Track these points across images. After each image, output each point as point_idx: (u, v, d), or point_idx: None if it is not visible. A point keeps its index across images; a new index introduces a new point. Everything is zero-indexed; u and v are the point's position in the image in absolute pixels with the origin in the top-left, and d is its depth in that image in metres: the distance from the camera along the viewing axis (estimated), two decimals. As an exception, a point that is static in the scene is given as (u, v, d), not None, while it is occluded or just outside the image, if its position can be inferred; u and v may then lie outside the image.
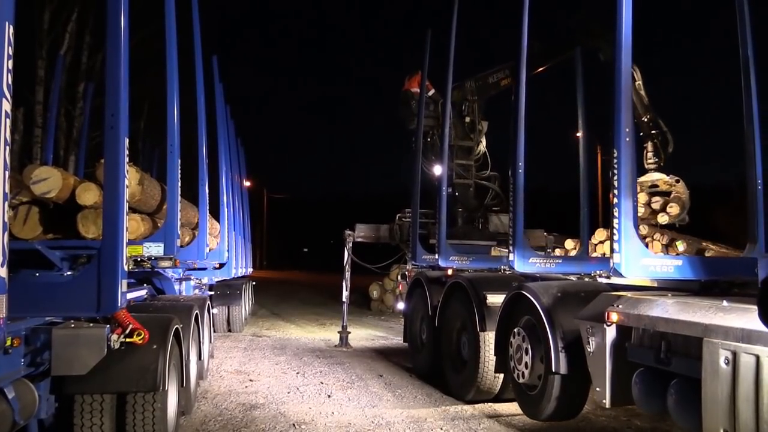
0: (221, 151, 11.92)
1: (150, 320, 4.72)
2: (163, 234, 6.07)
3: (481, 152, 12.03)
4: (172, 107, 6.61)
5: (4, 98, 1.99)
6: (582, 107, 9.62)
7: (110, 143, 3.77)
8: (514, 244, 7.17)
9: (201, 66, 8.54)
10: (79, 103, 17.29)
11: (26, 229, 5.04)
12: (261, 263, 50.22)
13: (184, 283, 8.68)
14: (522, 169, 7.33)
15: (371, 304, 20.84)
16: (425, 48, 11.18)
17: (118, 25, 3.83)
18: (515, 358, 6.39)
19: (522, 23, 7.46)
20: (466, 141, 11.82)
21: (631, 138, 5.28)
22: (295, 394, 7.86)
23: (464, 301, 7.71)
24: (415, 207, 10.68)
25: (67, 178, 5.28)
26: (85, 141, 13.97)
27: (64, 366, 4.09)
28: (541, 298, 5.98)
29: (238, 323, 14.31)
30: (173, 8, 6.57)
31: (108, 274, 3.62)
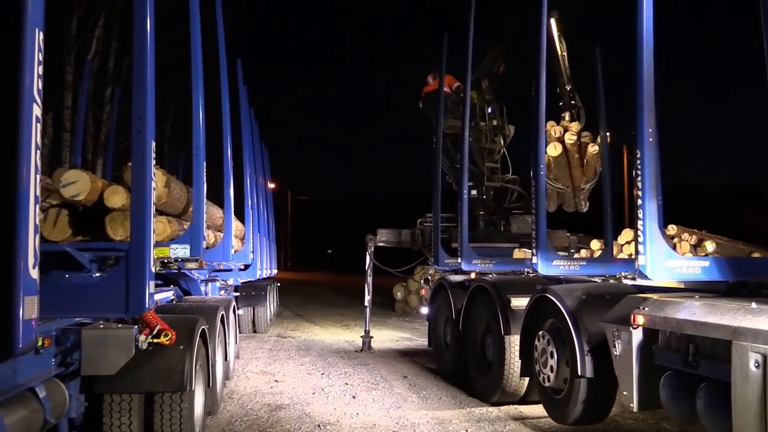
0: (246, 153, 12.02)
1: (177, 321, 4.78)
2: (189, 236, 6.14)
3: (501, 154, 12.00)
4: (198, 110, 6.68)
5: (35, 103, 2.03)
6: (603, 106, 9.52)
7: (137, 146, 3.82)
8: (537, 246, 7.12)
9: (225, 69, 8.63)
10: (107, 107, 17.57)
11: (56, 232, 5.13)
12: (285, 264, 50.49)
13: (210, 285, 8.76)
14: (543, 170, 7.28)
15: (395, 306, 20.83)
16: (442, 50, 11.18)
17: (144, 30, 3.88)
18: (540, 362, 6.35)
19: (540, 23, 7.40)
20: (491, 144, 11.80)
21: (654, 138, 5.21)
22: (320, 395, 7.89)
23: (488, 304, 7.67)
24: (437, 211, 10.65)
25: (96, 181, 5.37)
26: (113, 144, 14.18)
27: (94, 366, 4.17)
28: (566, 301, 5.93)
29: (263, 324, 14.41)
30: (198, 13, 6.65)
31: (136, 275, 3.67)
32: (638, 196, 5.16)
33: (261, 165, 16.45)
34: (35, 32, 2.01)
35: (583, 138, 9.66)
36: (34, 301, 2.05)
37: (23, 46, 1.97)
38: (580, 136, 9.60)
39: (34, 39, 2.00)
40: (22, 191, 1.97)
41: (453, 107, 11.57)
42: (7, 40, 1.96)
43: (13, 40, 1.96)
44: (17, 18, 1.97)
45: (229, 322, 7.69)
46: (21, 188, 1.97)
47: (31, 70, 2.00)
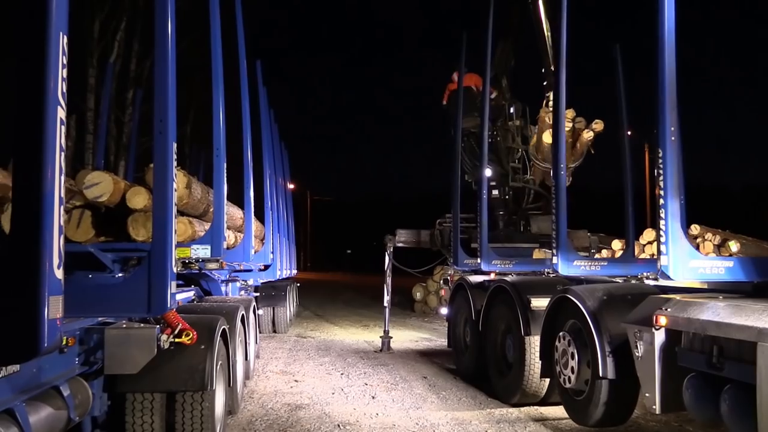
0: (265, 154, 12.08)
1: (198, 321, 4.82)
2: (210, 236, 6.18)
3: (521, 154, 11.95)
4: (218, 112, 6.73)
5: (59, 106, 2.06)
6: (624, 104, 9.44)
7: (159, 148, 3.86)
8: (557, 246, 7.07)
9: (245, 71, 8.68)
10: (129, 109, 17.78)
11: (80, 232, 5.19)
12: (305, 265, 50.70)
13: (230, 285, 8.82)
14: (564, 170, 7.23)
15: (414, 306, 20.81)
16: (461, 50, 11.15)
17: (165, 33, 3.92)
18: (561, 363, 6.30)
19: (561, 23, 7.35)
20: (513, 143, 11.78)
21: (677, 137, 5.15)
22: (340, 395, 7.91)
23: (508, 304, 7.63)
24: (456, 211, 10.63)
25: (118, 182, 5.43)
26: (135, 146, 14.35)
27: (117, 365, 4.22)
28: (587, 302, 5.88)
29: (282, 324, 14.47)
30: (218, 15, 6.70)
31: (158, 275, 3.71)
32: (660, 196, 5.10)
33: (281, 166, 16.54)
34: (60, 36, 2.04)
35: (577, 124, 9.84)
36: (59, 300, 2.08)
37: (48, 50, 2.00)
38: (574, 122, 9.75)
39: (58, 43, 2.04)
40: (47, 193, 2.00)
41: (479, 106, 11.55)
42: (32, 44, 2.00)
43: (38, 44, 2.00)
44: (42, 22, 2.00)
45: (250, 322, 7.74)
46: (46, 190, 2.00)
47: (55, 74, 2.03)
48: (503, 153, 11.73)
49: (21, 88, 2.02)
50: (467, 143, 11.98)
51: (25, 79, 2.01)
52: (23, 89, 2.01)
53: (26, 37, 2.01)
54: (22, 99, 2.02)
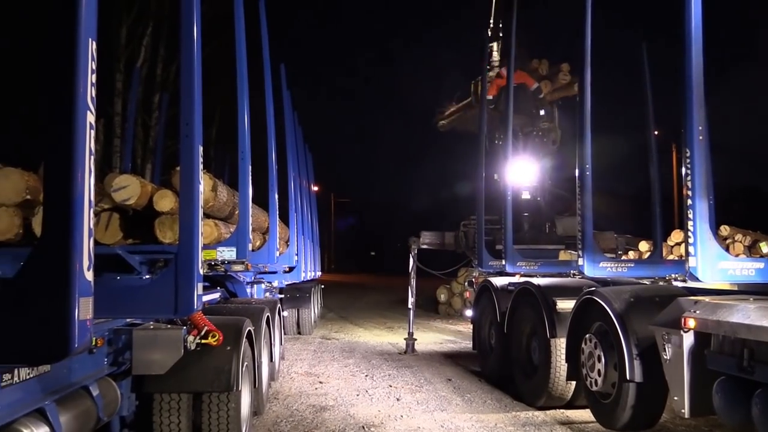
0: (290, 156, 12.16)
1: (224, 322, 4.87)
2: (236, 238, 6.23)
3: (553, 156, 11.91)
4: (243, 115, 6.79)
5: (88, 110, 2.10)
6: (650, 104, 9.33)
7: (185, 151, 3.90)
8: (583, 247, 7.01)
9: (269, 75, 8.74)
10: (155, 113, 18.00)
11: (108, 235, 5.27)
12: (329, 267, 50.82)
13: (256, 287, 8.89)
14: (589, 171, 7.16)
15: (439, 308, 20.75)
16: (484, 50, 11.12)
17: (191, 37, 3.97)
18: (587, 366, 6.24)
19: (585, 20, 7.28)
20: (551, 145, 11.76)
21: (704, 136, 5.08)
22: (364, 396, 7.92)
23: (533, 306, 7.58)
24: (480, 213, 10.59)
25: (145, 185, 5.50)
26: (161, 149, 14.52)
27: (144, 365, 4.27)
28: (613, 304, 5.81)
29: (307, 326, 14.54)
30: (242, 20, 6.75)
31: (185, 277, 3.74)
32: (688, 196, 5.03)
33: (305, 168, 16.62)
34: (89, 42, 2.08)
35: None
36: (89, 302, 2.11)
37: (77, 56, 2.04)
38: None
39: (87, 49, 2.07)
40: (78, 196, 2.04)
41: (524, 104, 11.51)
42: (63, 51, 2.04)
43: (68, 50, 2.03)
44: (72, 29, 2.04)
45: (275, 323, 7.79)
46: (76, 193, 2.03)
47: (84, 79, 2.06)
48: (540, 154, 11.70)
49: (51, 93, 2.06)
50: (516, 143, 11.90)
51: (55, 84, 2.05)
52: (54, 95, 2.05)
53: (56, 43, 2.05)
54: (52, 104, 2.06)
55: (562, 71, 12.53)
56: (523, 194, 11.62)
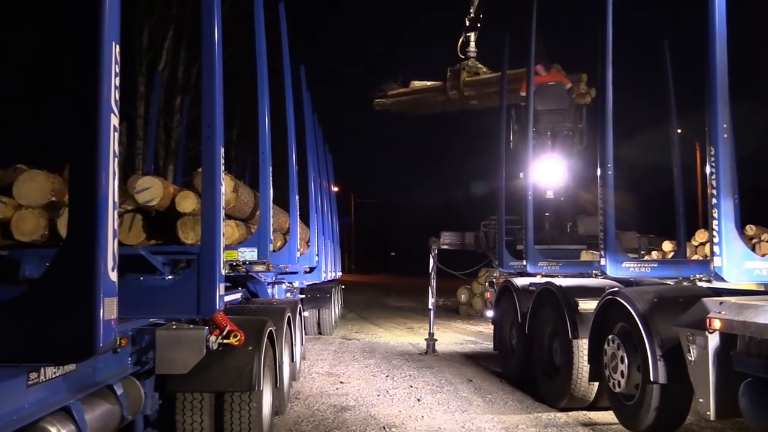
0: (310, 157, 12.20)
1: (245, 322, 4.90)
2: (257, 239, 6.27)
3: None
4: (264, 117, 6.83)
5: (112, 113, 2.13)
6: (672, 101, 9.22)
7: (207, 153, 3.94)
8: (605, 247, 6.94)
9: (289, 76, 8.79)
10: (177, 115, 18.17)
11: (131, 236, 5.32)
12: (349, 267, 50.94)
13: (277, 287, 8.93)
14: (611, 170, 7.10)
15: (459, 308, 20.70)
16: (504, 52, 11.05)
17: (212, 40, 4.00)
18: (610, 367, 6.18)
19: (606, 18, 7.21)
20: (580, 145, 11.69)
21: (729, 134, 5.00)
22: (385, 397, 7.92)
23: (555, 307, 7.52)
24: (501, 213, 10.53)
25: (168, 187, 5.55)
26: (183, 151, 14.66)
27: (167, 365, 4.32)
28: (637, 304, 5.75)
29: (328, 326, 14.58)
30: (262, 22, 6.80)
31: (207, 277, 3.77)
32: (713, 195, 4.97)
33: (325, 169, 16.66)
34: (112, 46, 2.11)
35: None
36: (113, 302, 2.14)
37: (101, 60, 2.07)
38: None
39: (111, 52, 2.10)
40: (102, 198, 2.07)
41: (561, 103, 11.44)
42: (87, 55, 2.07)
43: (92, 53, 2.06)
44: (95, 33, 2.07)
45: (296, 323, 7.82)
46: (101, 195, 2.06)
47: (108, 82, 2.09)
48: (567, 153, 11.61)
49: (76, 96, 2.09)
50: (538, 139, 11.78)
51: (80, 88, 2.08)
52: (78, 98, 2.08)
53: (81, 47, 2.08)
54: (77, 107, 2.09)
55: (582, 81, 12.45)
56: (547, 194, 11.53)
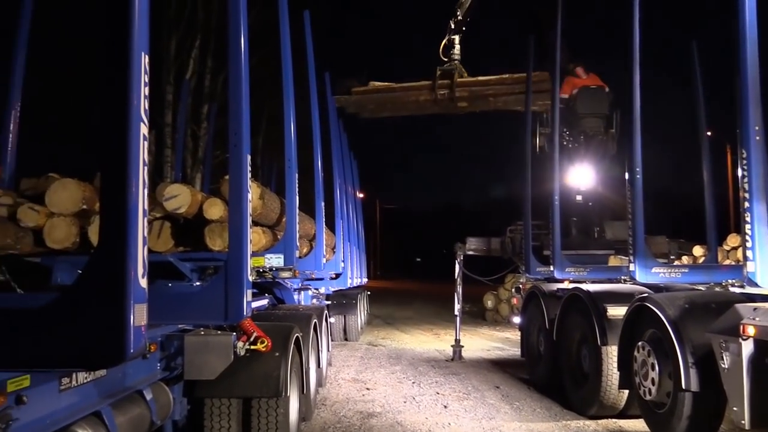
0: (335, 164, 12.25)
1: (272, 329, 4.92)
2: (283, 246, 6.29)
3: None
4: (289, 124, 6.87)
5: (142, 122, 2.16)
6: (702, 103, 9.08)
7: (234, 161, 3.97)
8: (634, 252, 6.85)
9: (314, 83, 8.83)
10: (204, 123, 18.40)
11: (160, 243, 5.38)
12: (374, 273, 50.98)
13: (303, 293, 8.95)
14: (640, 174, 7.00)
15: (486, 314, 20.58)
16: (529, 53, 10.98)
17: (238, 50, 4.04)
18: (640, 374, 6.08)
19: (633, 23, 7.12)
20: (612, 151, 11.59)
21: (761, 136, 4.90)
22: (411, 403, 7.89)
23: (583, 313, 7.43)
24: (527, 218, 10.45)
25: (195, 194, 5.60)
26: (210, 159, 14.82)
27: (195, 371, 4.36)
28: (667, 310, 5.65)
29: (354, 332, 14.60)
30: (287, 30, 6.84)
31: (234, 284, 3.80)
32: (745, 199, 4.87)
33: (350, 175, 16.71)
34: (141, 56, 2.14)
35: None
36: (143, 308, 2.17)
37: (131, 70, 2.10)
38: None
39: (140, 63, 2.13)
40: (132, 206, 2.10)
41: (601, 107, 11.35)
42: (117, 65, 2.10)
43: (122, 64, 2.10)
44: (125, 44, 2.10)
45: (322, 329, 7.84)
46: (131, 203, 2.09)
47: (138, 92, 2.13)
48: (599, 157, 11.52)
49: (107, 106, 2.12)
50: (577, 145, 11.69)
51: (110, 97, 2.11)
52: (109, 108, 2.12)
53: (111, 58, 2.11)
54: (107, 117, 2.12)
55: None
56: (577, 198, 11.44)
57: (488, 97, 12.87)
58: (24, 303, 2.66)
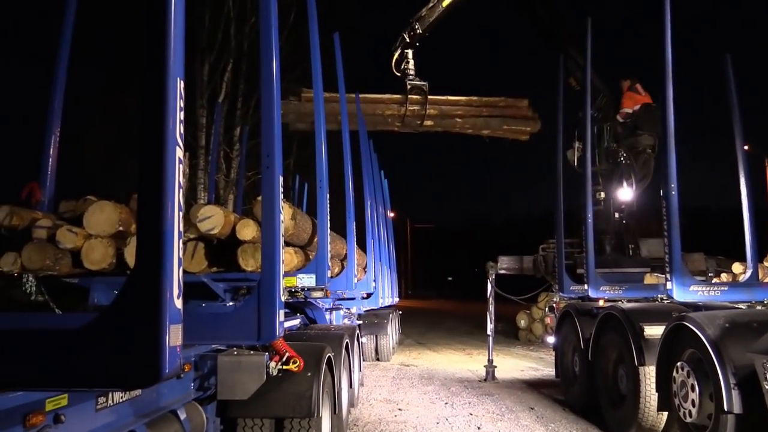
0: (366, 184, 12.28)
1: (304, 348, 4.93)
2: (315, 266, 6.31)
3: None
4: (320, 144, 6.93)
5: (177, 146, 2.20)
6: (738, 116, 8.90)
7: (266, 182, 4.01)
8: (671, 270, 6.71)
9: (344, 104, 8.91)
10: (236, 145, 18.67)
11: (194, 264, 5.45)
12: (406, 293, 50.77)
13: (334, 313, 8.96)
14: (675, 189, 6.88)
15: (519, 334, 20.32)
16: (559, 70, 10.92)
17: (270, 73, 4.10)
18: (680, 395, 5.92)
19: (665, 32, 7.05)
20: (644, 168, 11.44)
21: None
22: (444, 425, 7.80)
23: (619, 332, 7.29)
24: (560, 236, 10.33)
25: (228, 215, 5.67)
26: (242, 180, 15.01)
27: (228, 390, 4.38)
28: (707, 330, 5.51)
29: (385, 352, 14.52)
30: (318, 53, 6.92)
31: (267, 304, 3.82)
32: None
33: (381, 195, 16.73)
34: (177, 81, 2.19)
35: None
36: (179, 329, 2.19)
37: (167, 95, 2.15)
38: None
39: (176, 88, 2.18)
40: (168, 228, 2.13)
41: (651, 124, 11.23)
42: (154, 90, 2.15)
43: (158, 90, 2.15)
44: (162, 70, 2.15)
45: (354, 349, 7.82)
46: (167, 225, 2.13)
47: (174, 117, 2.17)
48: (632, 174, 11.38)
49: (144, 131, 2.17)
50: (630, 161, 11.53)
51: (147, 122, 2.16)
52: (146, 132, 2.17)
53: (149, 84, 2.16)
54: (145, 140, 2.17)
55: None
56: (616, 215, 11.29)
57: (456, 118, 12.68)
58: (62, 323, 2.71)
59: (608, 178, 11.60)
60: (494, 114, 12.80)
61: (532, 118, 13.07)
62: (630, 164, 11.38)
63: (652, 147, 11.42)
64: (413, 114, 12.58)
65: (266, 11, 4.09)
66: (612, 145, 11.54)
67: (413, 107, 12.47)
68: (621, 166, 11.41)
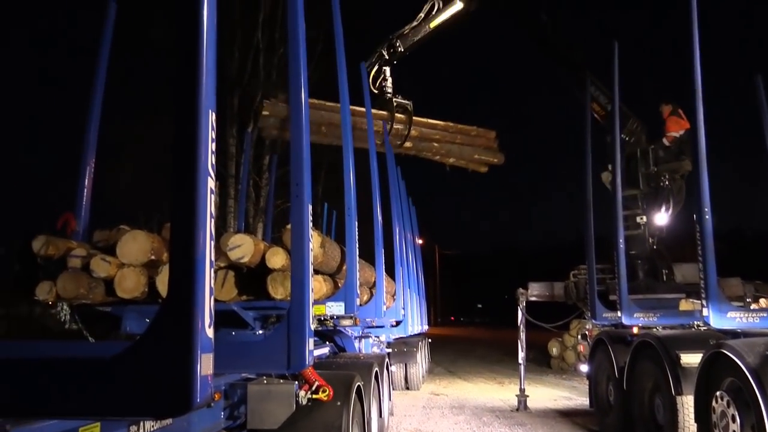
0: (394, 211, 12.27)
1: (334, 377, 4.91)
2: (344, 293, 6.31)
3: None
4: (348, 173, 6.97)
5: (209, 177, 2.23)
6: None
7: (296, 210, 4.04)
8: (707, 296, 6.55)
9: (372, 132, 8.97)
10: (265, 174, 18.89)
11: (224, 292, 5.48)
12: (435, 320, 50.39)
13: (364, 341, 8.92)
14: (709, 213, 6.75)
15: (551, 362, 19.97)
16: (586, 91, 10.87)
17: (299, 103, 4.16)
18: (720, 426, 5.74)
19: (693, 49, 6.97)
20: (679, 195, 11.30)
21: None
22: (476, 455, 7.66)
23: (655, 360, 7.12)
24: (591, 261, 10.18)
25: (258, 243, 5.71)
26: (272, 208, 15.14)
27: (258, 420, 4.37)
28: (746, 358, 5.35)
29: (415, 381, 14.38)
30: (345, 84, 7.00)
31: (297, 333, 3.81)
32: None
33: (409, 222, 16.71)
34: (209, 113, 2.24)
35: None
36: (210, 358, 2.20)
37: (199, 127, 2.20)
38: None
39: (208, 120, 2.23)
40: (200, 257, 2.16)
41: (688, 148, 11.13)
42: (186, 123, 2.20)
43: (191, 122, 2.20)
44: (194, 103, 2.20)
45: (383, 378, 7.76)
46: (199, 254, 2.15)
47: (206, 148, 2.21)
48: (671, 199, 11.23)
49: (177, 162, 2.21)
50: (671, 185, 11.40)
51: (180, 153, 2.20)
52: (179, 162, 2.21)
53: (181, 116, 2.21)
54: (177, 171, 2.21)
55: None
56: (650, 240, 11.12)
57: (433, 142, 12.26)
58: (95, 351, 2.74)
59: (649, 202, 11.42)
60: (466, 142, 12.41)
61: (498, 151, 12.83)
62: (670, 188, 11.22)
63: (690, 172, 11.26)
64: (396, 133, 11.92)
65: (294, 42, 4.16)
66: (653, 169, 11.38)
67: (397, 126, 11.85)
68: (661, 191, 11.24)
